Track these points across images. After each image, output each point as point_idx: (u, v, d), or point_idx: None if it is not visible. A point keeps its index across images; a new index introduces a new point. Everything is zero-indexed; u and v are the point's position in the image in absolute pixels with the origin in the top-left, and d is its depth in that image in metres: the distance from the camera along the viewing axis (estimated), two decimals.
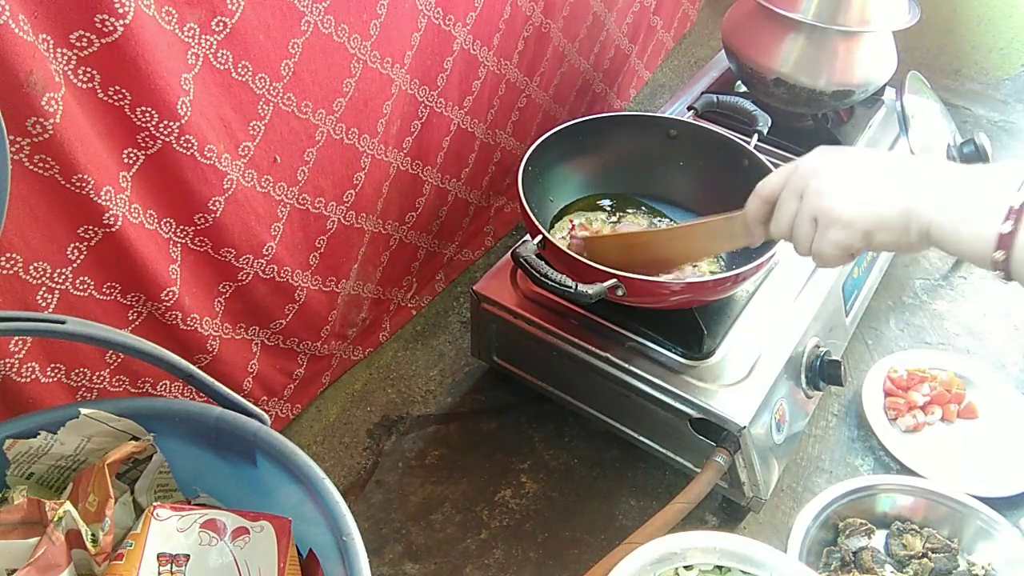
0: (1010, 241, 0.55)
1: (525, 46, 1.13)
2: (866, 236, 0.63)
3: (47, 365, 0.71)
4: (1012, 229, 0.55)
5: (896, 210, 0.61)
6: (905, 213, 0.61)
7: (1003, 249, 0.55)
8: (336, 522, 0.59)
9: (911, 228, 0.61)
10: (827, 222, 0.65)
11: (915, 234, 0.61)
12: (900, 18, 1.05)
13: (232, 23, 0.68)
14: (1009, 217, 0.55)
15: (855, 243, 0.64)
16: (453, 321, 1.20)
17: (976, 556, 0.89)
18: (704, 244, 0.82)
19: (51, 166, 0.61)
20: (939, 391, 1.06)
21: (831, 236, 0.65)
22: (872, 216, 0.62)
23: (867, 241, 0.64)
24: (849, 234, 0.64)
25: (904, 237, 0.62)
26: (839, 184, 0.64)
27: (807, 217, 0.66)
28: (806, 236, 0.67)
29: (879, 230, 0.63)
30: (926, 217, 0.60)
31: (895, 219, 0.62)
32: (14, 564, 0.56)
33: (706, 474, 0.82)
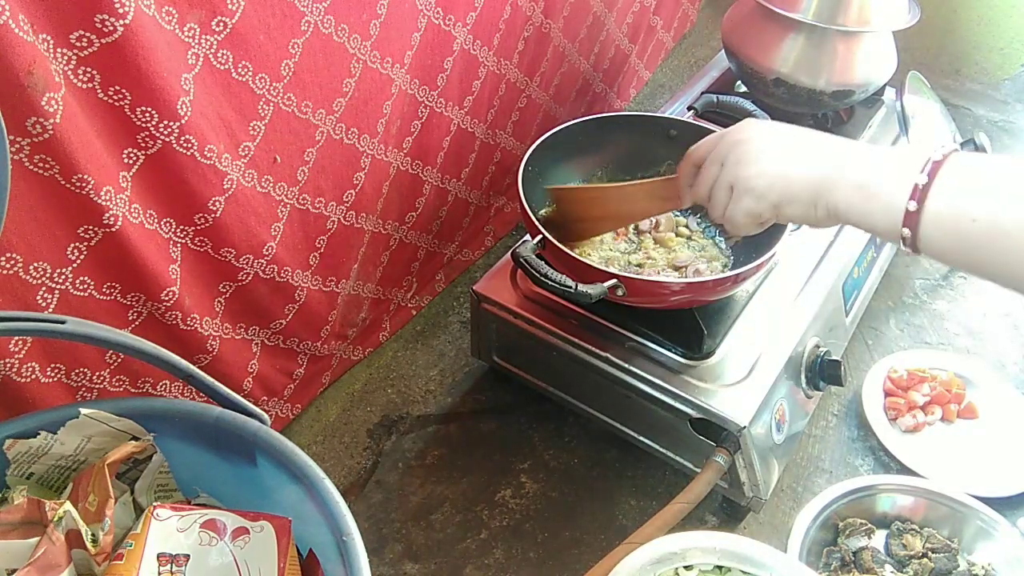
0: (916, 219, 0.57)
1: (525, 46, 1.13)
2: (775, 207, 0.67)
3: (47, 365, 0.71)
4: (916, 208, 0.57)
5: (806, 184, 0.65)
6: (815, 187, 0.64)
7: (909, 226, 0.58)
8: (336, 522, 0.59)
9: (819, 202, 0.64)
10: (741, 191, 0.69)
11: (822, 209, 0.64)
12: (900, 18, 1.05)
13: (232, 23, 0.68)
14: (914, 196, 0.57)
15: (764, 213, 0.68)
16: (453, 321, 1.20)
17: (976, 556, 0.90)
18: (644, 203, 0.86)
19: (51, 166, 0.61)
20: (939, 391, 1.06)
21: (743, 204, 0.69)
22: (782, 189, 0.66)
23: (775, 212, 0.68)
24: (759, 204, 0.68)
25: (811, 212, 0.65)
26: (757, 156, 0.68)
27: (725, 184, 0.71)
28: (721, 202, 0.72)
29: (788, 203, 0.66)
30: (835, 193, 0.63)
31: (804, 192, 0.65)
32: (14, 564, 0.56)
33: (706, 474, 0.82)
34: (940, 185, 0.56)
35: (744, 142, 0.69)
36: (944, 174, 0.56)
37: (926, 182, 0.56)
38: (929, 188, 0.56)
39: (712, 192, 0.73)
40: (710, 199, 0.73)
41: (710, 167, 0.73)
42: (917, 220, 0.57)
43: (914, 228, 0.57)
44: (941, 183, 0.56)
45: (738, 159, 0.69)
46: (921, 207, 0.56)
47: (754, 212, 0.68)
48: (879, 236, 0.63)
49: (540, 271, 0.78)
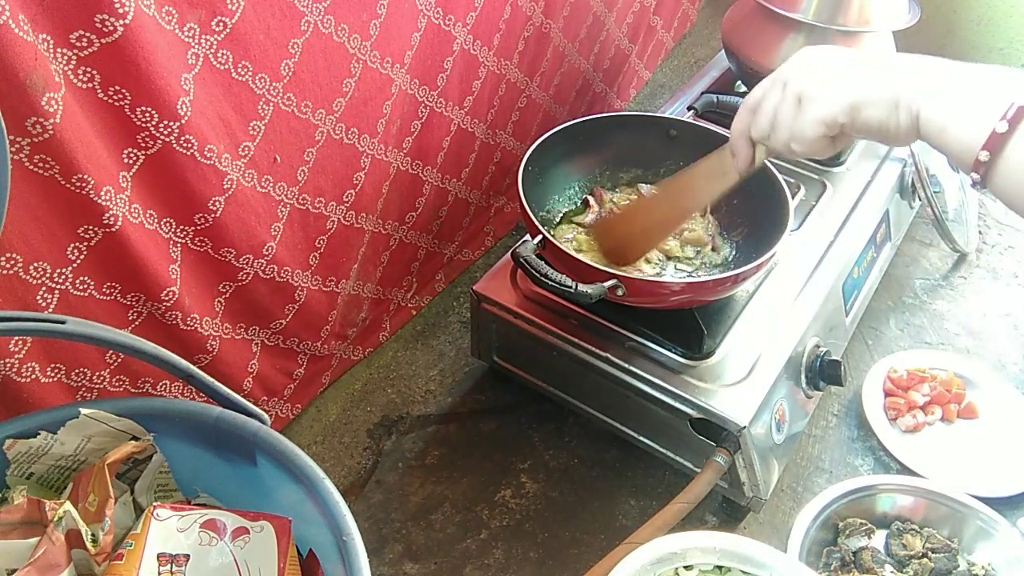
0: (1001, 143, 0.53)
1: (525, 46, 1.13)
2: (851, 109, 0.61)
3: (47, 365, 0.71)
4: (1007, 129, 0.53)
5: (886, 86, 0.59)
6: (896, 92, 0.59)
7: (989, 150, 0.54)
8: (336, 522, 0.59)
9: (900, 107, 0.59)
10: (812, 95, 0.62)
11: (904, 115, 0.59)
12: (900, 18, 1.05)
13: (232, 23, 0.68)
14: (989, 145, 0.53)
15: (839, 116, 0.61)
16: (453, 321, 1.20)
17: (976, 556, 0.89)
18: (701, 188, 0.81)
19: (51, 166, 0.61)
20: (939, 391, 1.06)
21: (814, 110, 0.63)
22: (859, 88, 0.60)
23: (852, 115, 0.61)
24: (834, 105, 0.61)
25: (893, 116, 0.59)
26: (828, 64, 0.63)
27: (791, 98, 0.64)
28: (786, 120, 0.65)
29: (866, 104, 0.60)
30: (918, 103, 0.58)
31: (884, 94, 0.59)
32: (14, 564, 0.56)
33: (706, 474, 0.82)
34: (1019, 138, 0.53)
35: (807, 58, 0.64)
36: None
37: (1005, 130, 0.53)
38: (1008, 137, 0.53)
39: (776, 113, 0.66)
40: (775, 122, 0.66)
41: (771, 94, 0.66)
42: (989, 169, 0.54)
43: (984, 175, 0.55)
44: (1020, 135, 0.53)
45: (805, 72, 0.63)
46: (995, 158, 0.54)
47: (828, 116, 0.61)
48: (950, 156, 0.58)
49: (540, 271, 0.78)
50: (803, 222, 1.05)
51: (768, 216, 0.90)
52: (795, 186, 1.05)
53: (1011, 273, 1.27)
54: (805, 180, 1.09)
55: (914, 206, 1.23)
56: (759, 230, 0.94)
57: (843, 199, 1.09)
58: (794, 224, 0.97)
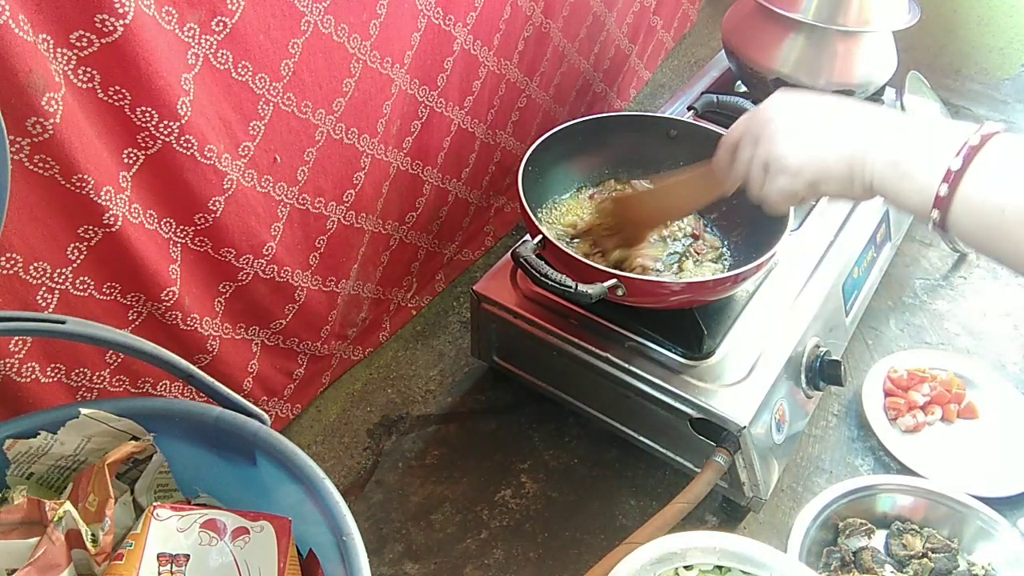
0: (946, 203, 0.56)
1: (525, 46, 1.13)
2: (811, 185, 0.66)
3: (47, 365, 0.71)
4: (948, 192, 0.56)
5: (841, 162, 0.63)
6: (849, 164, 0.63)
7: (939, 208, 0.57)
8: (336, 522, 0.59)
9: (855, 180, 0.63)
10: (776, 169, 0.68)
11: (859, 186, 0.63)
12: (900, 18, 1.05)
13: (232, 23, 0.68)
14: (946, 179, 0.56)
15: (800, 191, 0.67)
16: (453, 321, 1.20)
17: (976, 556, 0.89)
18: (688, 196, 0.86)
19: (51, 166, 0.61)
20: (939, 391, 1.06)
21: (779, 184, 0.68)
22: (818, 166, 0.65)
23: (812, 190, 0.67)
24: (795, 182, 0.67)
25: (848, 188, 0.64)
26: (790, 133, 0.67)
27: (760, 163, 0.70)
28: (757, 182, 0.71)
29: (824, 180, 0.65)
30: (869, 169, 0.62)
31: (840, 170, 0.64)
32: (14, 564, 0.56)
33: (706, 474, 0.82)
34: (974, 172, 0.55)
35: (775, 119, 0.68)
36: (980, 160, 0.55)
37: (960, 167, 0.55)
38: (963, 174, 0.55)
39: (748, 172, 0.71)
40: (747, 179, 0.72)
41: (745, 147, 0.71)
42: (948, 204, 0.56)
43: (944, 211, 0.56)
44: (975, 170, 0.55)
45: (771, 137, 0.68)
46: (953, 192, 0.55)
47: (789, 191, 0.68)
48: (910, 213, 0.62)
49: (540, 271, 0.78)
50: (803, 222, 1.05)
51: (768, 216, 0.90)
52: None
53: (1011, 273, 1.27)
54: None
55: None
56: (759, 230, 0.93)
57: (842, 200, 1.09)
58: (794, 224, 0.97)
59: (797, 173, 0.66)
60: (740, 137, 0.72)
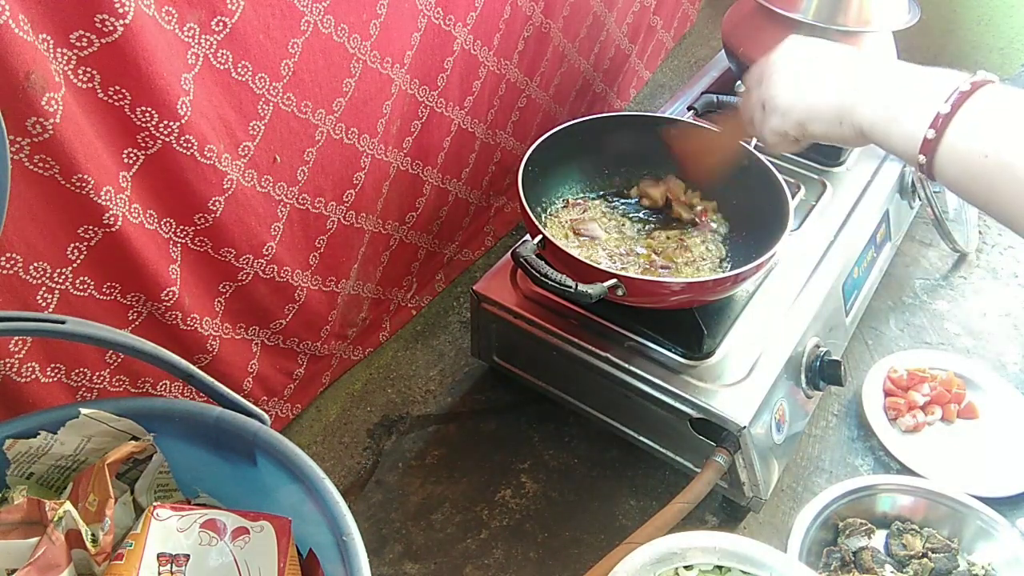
0: (933, 148, 0.57)
1: (525, 46, 1.13)
2: (799, 125, 0.69)
3: (47, 365, 0.71)
4: (934, 136, 0.57)
5: (830, 103, 0.66)
6: (838, 107, 0.65)
7: (925, 154, 0.58)
8: (336, 522, 0.59)
9: (843, 122, 0.65)
10: (769, 109, 0.71)
11: (848, 127, 0.65)
12: (900, 18, 1.05)
13: (232, 23, 0.68)
14: (934, 124, 0.57)
15: (790, 131, 0.70)
16: (453, 321, 1.20)
17: (976, 556, 0.89)
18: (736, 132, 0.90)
19: (51, 166, 0.61)
20: (939, 391, 1.06)
21: (771, 122, 0.71)
22: (807, 107, 0.67)
23: (801, 129, 0.69)
24: (784, 121, 0.69)
25: (836, 129, 0.66)
26: (785, 74, 0.70)
27: (759, 103, 0.73)
28: (758, 120, 0.74)
29: (812, 120, 0.68)
30: (859, 114, 0.63)
31: (828, 111, 0.66)
32: (14, 564, 0.56)
33: (706, 474, 0.82)
34: (961, 117, 0.56)
35: (775, 61, 0.71)
36: (968, 107, 0.56)
37: (948, 112, 0.56)
38: (950, 119, 0.56)
39: (751, 111, 0.75)
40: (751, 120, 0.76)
41: (753, 88, 0.75)
42: (933, 149, 0.57)
43: (930, 156, 0.58)
44: (963, 116, 0.56)
45: (769, 77, 0.71)
46: (939, 137, 0.56)
47: (780, 130, 0.70)
48: (899, 158, 0.63)
49: (540, 271, 0.78)
50: (803, 222, 1.05)
51: (768, 216, 0.90)
52: (795, 186, 1.05)
53: (1011, 273, 1.27)
54: (805, 180, 1.09)
55: (914, 206, 1.23)
56: (759, 230, 0.93)
57: (843, 199, 1.09)
58: (794, 224, 0.97)
59: (786, 112, 0.69)
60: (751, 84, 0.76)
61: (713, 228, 1.00)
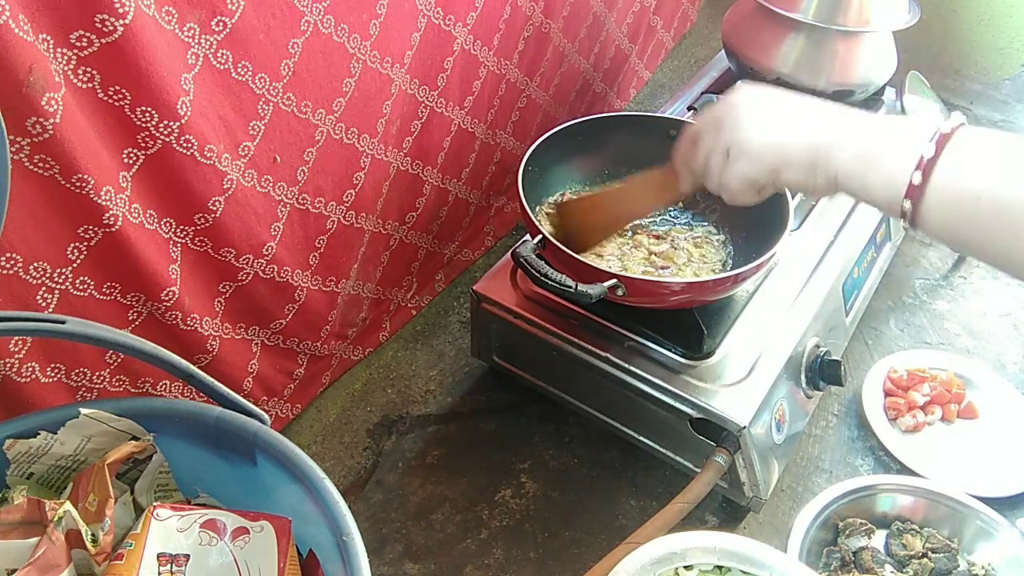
0: (919, 192, 0.55)
1: (525, 46, 1.13)
2: (772, 171, 0.65)
3: (47, 365, 0.71)
4: (921, 180, 0.54)
5: (804, 149, 0.62)
6: (813, 153, 0.61)
7: (911, 198, 0.55)
8: (336, 522, 0.58)
9: (818, 169, 0.61)
10: (736, 154, 0.66)
11: (822, 176, 0.61)
12: (900, 18, 1.05)
13: (232, 23, 0.68)
14: (919, 167, 0.54)
15: (760, 177, 0.66)
16: (453, 321, 1.20)
17: (976, 556, 0.90)
18: (649, 196, 0.86)
19: (51, 166, 0.61)
20: (939, 391, 1.06)
21: (739, 168, 0.66)
22: (779, 151, 0.64)
23: (773, 176, 0.65)
24: (756, 167, 0.65)
25: (811, 177, 0.62)
26: (753, 118, 0.65)
27: (721, 150, 0.68)
28: (716, 169, 0.69)
29: (785, 167, 0.64)
30: (835, 160, 0.60)
31: (802, 157, 0.62)
32: (14, 564, 0.56)
33: (706, 474, 0.82)
34: (947, 159, 0.54)
35: (740, 105, 0.67)
36: (952, 147, 0.54)
37: (933, 154, 0.54)
38: (936, 161, 0.54)
39: (708, 159, 0.70)
40: (706, 168, 0.71)
41: (706, 136, 0.71)
42: (920, 194, 0.54)
43: (916, 202, 0.55)
44: (948, 156, 0.54)
45: (734, 122, 0.66)
46: (926, 180, 0.54)
47: (750, 177, 0.66)
48: (878, 207, 0.60)
49: (540, 271, 0.78)
50: (803, 222, 1.05)
51: (768, 216, 0.90)
52: None
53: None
54: None
55: None
56: (759, 230, 0.93)
57: (843, 199, 1.08)
58: (794, 224, 0.97)
59: (758, 157, 0.65)
60: (702, 128, 0.72)
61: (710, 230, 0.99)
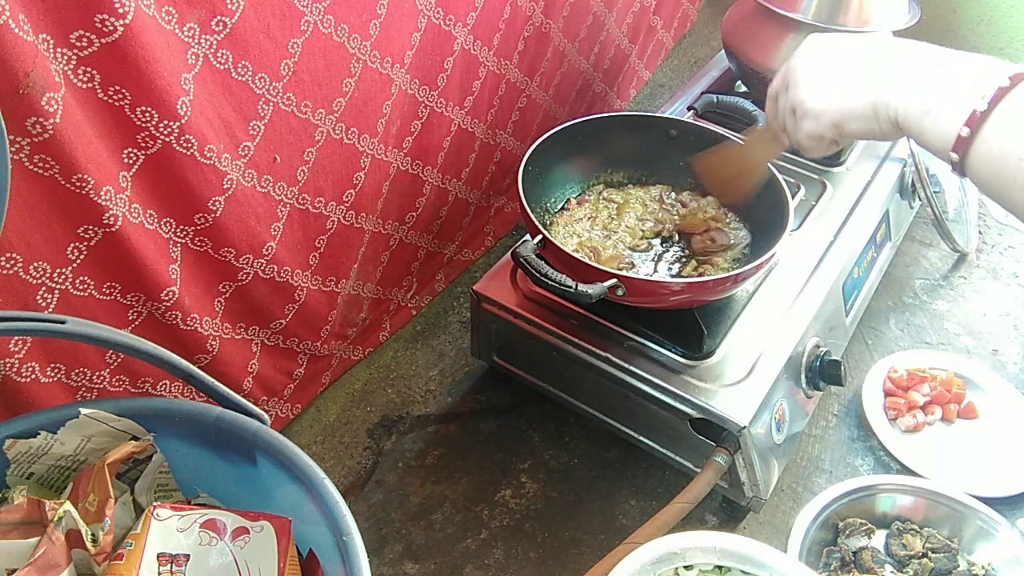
0: (967, 144, 0.55)
1: (525, 46, 1.13)
2: (835, 126, 0.66)
3: (47, 365, 0.71)
4: (969, 134, 0.55)
5: (864, 102, 0.63)
6: (873, 104, 0.62)
7: (958, 152, 0.56)
8: (336, 522, 0.59)
9: (880, 117, 0.62)
10: (801, 113, 0.68)
11: (885, 122, 0.62)
12: (900, 18, 1.06)
13: (232, 23, 0.68)
14: (969, 122, 0.55)
15: (826, 133, 0.67)
16: (453, 321, 1.20)
17: (976, 556, 0.89)
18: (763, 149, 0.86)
19: (51, 166, 0.61)
20: (939, 391, 1.06)
21: (805, 127, 0.68)
22: (840, 107, 0.65)
23: (837, 131, 0.67)
24: (819, 124, 0.67)
25: (875, 125, 0.63)
26: (813, 76, 0.67)
27: (789, 109, 0.70)
28: (790, 128, 0.71)
29: (848, 120, 0.65)
30: (893, 106, 0.61)
31: (864, 109, 0.63)
32: (14, 564, 0.56)
33: (706, 474, 0.82)
34: (998, 116, 0.53)
35: (799, 65, 0.69)
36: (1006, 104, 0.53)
37: (984, 109, 0.54)
38: (987, 116, 0.54)
39: (783, 119, 0.73)
40: (784, 127, 0.73)
41: (780, 95, 0.73)
42: (967, 148, 0.55)
43: (963, 155, 0.55)
44: (1000, 114, 0.53)
45: (795, 82, 0.68)
46: (974, 135, 0.54)
47: (816, 133, 0.68)
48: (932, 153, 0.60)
49: (540, 271, 0.78)
50: (803, 222, 1.05)
51: (768, 216, 0.90)
52: (795, 186, 1.05)
53: (1011, 273, 1.27)
54: (805, 180, 1.09)
55: (914, 206, 1.23)
56: (759, 230, 0.94)
57: (843, 199, 1.09)
58: (794, 224, 0.97)
59: (819, 115, 0.66)
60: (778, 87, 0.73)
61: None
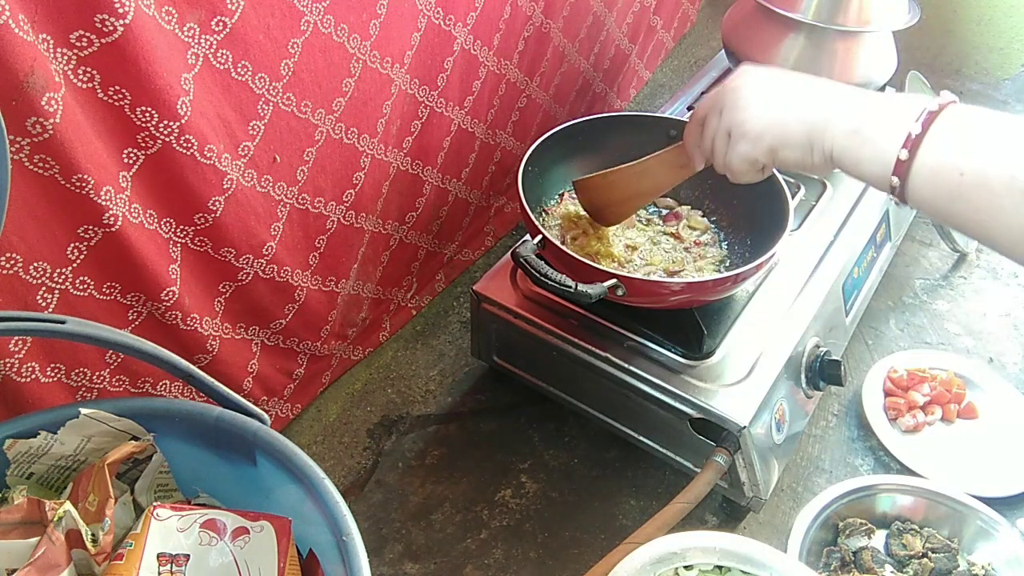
0: (906, 168, 0.57)
1: (525, 46, 1.13)
2: (770, 151, 0.67)
3: (47, 365, 0.71)
4: (908, 157, 0.56)
5: (801, 128, 0.64)
6: (809, 132, 0.64)
7: (899, 175, 0.57)
8: (336, 522, 0.59)
9: (814, 147, 0.64)
10: (737, 135, 0.69)
11: (818, 153, 0.64)
12: (900, 18, 1.05)
13: (232, 23, 0.68)
14: (906, 144, 0.56)
15: (760, 158, 0.68)
16: (453, 321, 1.20)
17: (976, 556, 0.90)
18: (661, 175, 0.87)
19: (51, 166, 0.61)
20: (939, 391, 1.06)
21: (739, 149, 0.69)
22: (777, 132, 0.66)
23: (771, 156, 0.68)
24: (755, 148, 0.68)
25: (808, 155, 0.65)
26: (752, 100, 0.68)
27: (722, 132, 0.71)
28: (720, 150, 0.72)
29: (783, 146, 0.66)
30: (829, 137, 0.62)
31: (799, 136, 0.65)
32: (14, 564, 0.56)
33: (706, 474, 0.82)
34: (933, 136, 0.56)
35: (739, 88, 0.69)
36: (938, 125, 0.56)
37: (919, 132, 0.56)
38: (922, 138, 0.56)
39: (713, 142, 0.73)
40: (713, 150, 0.74)
41: (711, 118, 0.73)
42: (907, 170, 0.57)
43: (903, 177, 0.57)
44: (934, 134, 0.56)
45: (733, 104, 0.69)
46: (912, 157, 0.56)
47: (750, 157, 0.69)
48: (869, 183, 0.62)
49: (540, 271, 0.78)
50: (803, 222, 1.05)
51: (768, 216, 0.90)
52: (795, 186, 1.05)
53: (1011, 273, 1.27)
54: (805, 180, 1.09)
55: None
56: (759, 230, 0.94)
57: (843, 199, 1.09)
58: (794, 224, 0.97)
59: (757, 138, 0.67)
60: (708, 110, 0.74)
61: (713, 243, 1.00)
